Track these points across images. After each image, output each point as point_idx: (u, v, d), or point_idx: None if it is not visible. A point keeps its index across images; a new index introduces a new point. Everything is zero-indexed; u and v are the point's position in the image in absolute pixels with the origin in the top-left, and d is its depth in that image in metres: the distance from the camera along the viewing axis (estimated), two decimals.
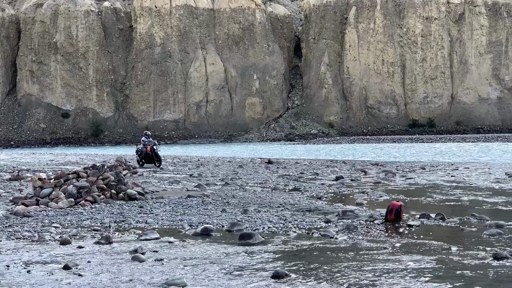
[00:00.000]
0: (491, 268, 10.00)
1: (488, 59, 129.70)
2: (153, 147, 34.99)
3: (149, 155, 34.99)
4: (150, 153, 34.93)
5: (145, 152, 35.12)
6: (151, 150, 34.89)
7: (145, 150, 35.11)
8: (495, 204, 18.84)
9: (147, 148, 35.00)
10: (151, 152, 34.91)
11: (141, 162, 35.48)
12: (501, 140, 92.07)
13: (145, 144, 35.44)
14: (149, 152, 34.94)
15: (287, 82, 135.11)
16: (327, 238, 12.84)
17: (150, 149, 34.88)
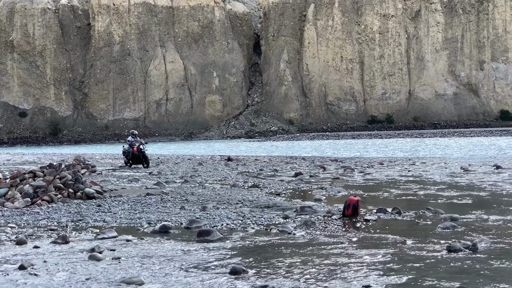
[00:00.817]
0: (445, 261, 10.17)
1: (444, 56, 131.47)
2: (140, 147, 33.56)
3: (136, 156, 33.63)
4: (137, 154, 33.56)
5: (132, 153, 33.73)
6: (138, 150, 33.52)
7: (132, 150, 33.73)
8: (450, 197, 19.14)
9: (134, 148, 33.63)
10: (138, 152, 33.52)
11: (128, 163, 34.18)
12: (457, 135, 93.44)
13: (131, 144, 33.99)
14: (136, 153, 33.57)
15: (246, 79, 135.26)
16: (285, 234, 12.91)
17: (137, 149, 33.52)
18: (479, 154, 47.73)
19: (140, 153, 33.39)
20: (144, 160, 33.54)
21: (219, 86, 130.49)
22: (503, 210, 15.92)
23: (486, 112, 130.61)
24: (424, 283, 8.75)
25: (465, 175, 27.74)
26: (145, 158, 33.57)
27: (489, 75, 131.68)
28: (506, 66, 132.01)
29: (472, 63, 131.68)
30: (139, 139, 34.69)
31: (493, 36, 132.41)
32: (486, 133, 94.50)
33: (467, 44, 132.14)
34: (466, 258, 10.32)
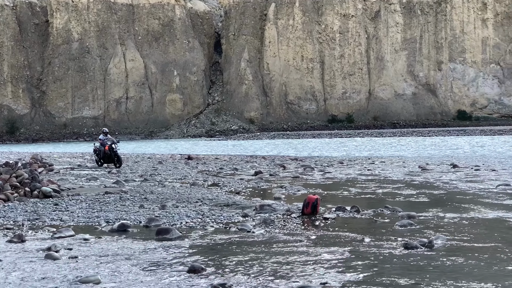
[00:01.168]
0: (402, 258, 10.28)
1: (403, 56, 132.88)
2: (112, 146, 32.28)
3: (108, 155, 32.44)
4: (108, 153, 32.34)
5: (103, 152, 32.55)
6: (109, 149, 32.26)
7: (103, 149, 32.55)
8: (408, 196, 19.35)
9: (105, 147, 32.41)
10: (109, 151, 32.27)
11: (99, 162, 33.15)
12: (416, 134, 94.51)
13: (102, 142, 32.79)
14: (107, 152, 32.35)
15: (207, 78, 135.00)
16: (244, 232, 12.92)
17: (109, 148, 32.26)
18: (437, 153, 48.34)
19: (112, 152, 32.20)
20: (117, 160, 32.39)
21: (180, 84, 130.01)
22: (458, 208, 16.15)
23: (444, 112, 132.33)
24: (381, 280, 8.83)
25: (422, 173, 28.08)
26: (117, 157, 32.42)
27: (447, 76, 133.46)
28: (463, 66, 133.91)
29: (430, 64, 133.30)
30: (111, 137, 33.67)
31: (451, 37, 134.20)
32: (443, 133, 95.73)
33: (425, 45, 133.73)
34: (423, 255, 10.44)
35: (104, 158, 32.67)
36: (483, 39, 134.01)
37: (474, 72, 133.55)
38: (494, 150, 50.17)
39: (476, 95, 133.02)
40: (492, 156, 42.15)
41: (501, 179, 24.29)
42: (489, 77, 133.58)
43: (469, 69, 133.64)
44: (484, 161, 36.44)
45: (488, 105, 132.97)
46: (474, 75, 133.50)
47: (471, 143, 63.09)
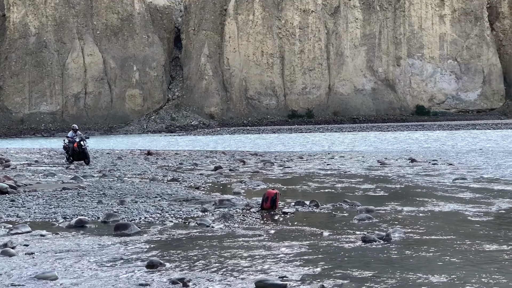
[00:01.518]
0: (360, 251, 10.36)
1: (362, 51, 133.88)
2: (80, 143, 31.38)
3: (77, 152, 31.50)
4: (77, 150, 31.40)
5: (72, 149, 31.64)
6: (78, 146, 31.37)
7: (72, 146, 31.65)
8: (367, 190, 19.52)
9: (74, 144, 31.52)
10: (78, 148, 31.37)
11: (69, 159, 32.19)
12: (375, 129, 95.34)
13: (71, 139, 31.90)
14: (76, 149, 31.42)
15: (167, 73, 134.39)
16: (203, 227, 12.90)
17: (77, 145, 31.35)
18: (396, 148, 48.82)
19: (80, 149, 31.34)
20: (84, 157, 31.56)
21: (140, 80, 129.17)
22: (416, 202, 16.34)
23: (402, 107, 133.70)
24: (339, 273, 8.88)
25: (381, 168, 28.35)
26: (84, 155, 31.54)
27: (406, 71, 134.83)
28: (421, 62, 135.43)
29: (389, 59, 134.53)
30: (80, 133, 32.61)
31: (409, 33, 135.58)
32: (402, 128, 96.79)
33: (384, 41, 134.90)
34: (380, 248, 10.54)
35: (73, 155, 31.79)
36: (440, 35, 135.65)
37: (432, 68, 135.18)
38: (451, 144, 50.86)
39: (434, 91, 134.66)
40: (449, 150, 42.72)
41: (457, 173, 24.65)
42: (447, 73, 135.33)
43: (427, 65, 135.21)
44: (442, 155, 36.93)
45: (446, 100, 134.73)
46: (432, 70, 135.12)
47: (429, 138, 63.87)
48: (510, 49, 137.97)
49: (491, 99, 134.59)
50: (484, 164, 29.44)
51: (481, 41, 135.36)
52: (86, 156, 31.43)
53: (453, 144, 51.64)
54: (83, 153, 31.35)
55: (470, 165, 29.11)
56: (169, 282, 8.48)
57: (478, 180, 21.76)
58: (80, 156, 31.56)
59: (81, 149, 31.31)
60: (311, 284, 8.25)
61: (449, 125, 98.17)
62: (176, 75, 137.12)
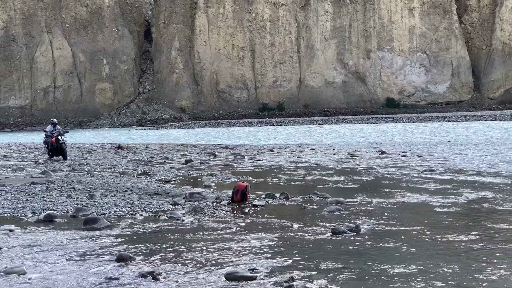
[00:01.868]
0: (329, 243, 10.43)
1: (333, 44, 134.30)
2: (58, 138, 30.18)
3: (55, 147, 30.43)
4: (55, 145, 30.32)
5: (51, 143, 30.52)
6: (55, 141, 30.24)
7: (50, 141, 30.52)
8: (337, 182, 19.63)
9: (52, 139, 30.37)
10: (56, 143, 30.26)
11: (49, 153, 31.19)
12: (346, 122, 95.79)
13: (48, 134, 30.71)
14: (54, 144, 30.34)
15: (137, 67, 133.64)
16: (173, 220, 12.88)
17: (55, 140, 30.21)
18: (366, 140, 49.12)
19: (58, 144, 30.23)
20: (62, 152, 30.48)
21: (110, 73, 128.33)
22: (385, 193, 16.47)
23: (373, 99, 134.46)
24: (309, 265, 8.93)
25: (351, 160, 28.53)
26: (61, 150, 30.43)
27: (376, 64, 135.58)
28: (391, 55, 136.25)
29: (360, 52, 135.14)
30: (59, 128, 31.30)
31: (379, 26, 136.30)
32: (373, 120, 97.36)
33: (354, 33, 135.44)
34: (350, 239, 10.62)
35: (52, 151, 30.73)
36: (410, 28, 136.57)
37: (401, 61, 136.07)
38: (420, 136, 51.31)
39: (403, 83, 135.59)
40: (418, 142, 43.09)
41: (426, 164, 24.89)
42: (416, 65, 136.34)
43: (397, 58, 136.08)
44: (411, 147, 37.26)
45: (415, 92, 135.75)
46: (402, 63, 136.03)
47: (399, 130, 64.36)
48: (478, 42, 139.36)
49: (460, 91, 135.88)
50: (452, 155, 29.76)
51: (449, 34, 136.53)
52: (62, 151, 30.38)
53: (422, 136, 52.08)
54: (60, 148, 30.33)
55: (438, 156, 29.41)
56: (139, 276, 8.46)
57: (446, 171, 22.00)
58: (58, 151, 30.55)
59: (59, 145, 30.24)
60: (281, 276, 8.29)
61: (418, 117, 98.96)
62: (147, 68, 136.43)
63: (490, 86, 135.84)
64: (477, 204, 14.40)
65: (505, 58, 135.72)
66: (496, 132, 54.90)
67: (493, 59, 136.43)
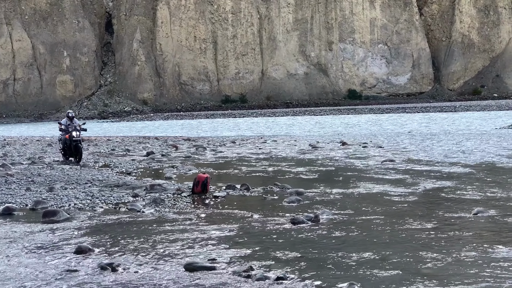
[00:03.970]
0: (289, 232, 10.52)
1: (295, 36, 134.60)
2: (73, 135, 24.63)
3: (69, 145, 24.83)
4: (68, 143, 24.76)
5: (64, 141, 25.06)
6: (70, 138, 24.69)
7: (64, 138, 25.08)
8: (298, 173, 19.76)
9: (66, 135, 24.98)
10: (69, 141, 24.69)
11: (62, 152, 25.60)
12: (308, 114, 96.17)
13: (64, 129, 25.36)
14: (67, 141, 24.84)
15: (99, 59, 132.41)
16: (134, 212, 12.87)
17: (69, 137, 24.71)
18: (328, 131, 49.42)
19: (72, 141, 24.61)
20: (76, 152, 24.78)
21: (70, 65, 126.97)
22: (345, 184, 16.64)
23: (335, 91, 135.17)
24: (268, 254, 9.01)
25: (313, 151, 28.70)
26: (76, 150, 24.74)
27: (337, 56, 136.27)
28: (353, 47, 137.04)
29: (322, 44, 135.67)
30: (76, 122, 25.82)
31: (341, 18, 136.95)
32: (335, 112, 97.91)
33: (316, 25, 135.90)
34: (309, 229, 10.72)
35: (65, 149, 25.14)
36: (371, 20, 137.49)
37: (363, 52, 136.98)
38: (381, 127, 51.78)
39: (365, 75, 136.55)
40: (379, 133, 43.50)
41: (386, 155, 25.15)
42: (377, 57, 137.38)
43: (359, 49, 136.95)
44: (372, 138, 37.59)
45: (377, 84, 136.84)
46: (363, 55, 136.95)
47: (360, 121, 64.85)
48: (438, 34, 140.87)
49: (420, 83, 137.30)
50: (412, 146, 30.12)
51: (410, 26, 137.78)
52: (77, 151, 24.68)
53: (383, 127, 52.56)
54: (75, 147, 24.64)
55: (398, 147, 29.74)
56: (98, 267, 8.46)
57: (405, 162, 22.28)
58: (73, 151, 24.83)
59: (73, 143, 24.56)
60: (240, 266, 8.35)
61: (380, 109, 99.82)
62: (108, 60, 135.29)
63: (450, 78, 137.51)
64: (435, 194, 14.64)
65: (465, 50, 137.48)
66: (455, 123, 55.65)
67: (453, 51, 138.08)
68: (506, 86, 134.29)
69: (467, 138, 34.33)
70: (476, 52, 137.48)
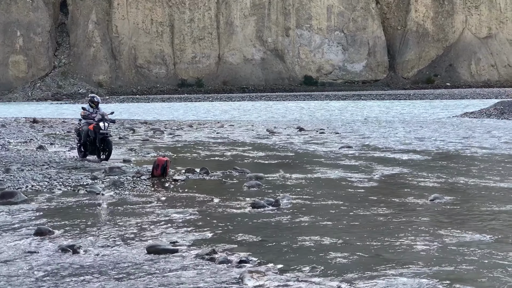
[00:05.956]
0: (250, 216, 10.59)
1: (252, 21, 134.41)
2: (99, 125, 18.73)
3: (92, 139, 18.85)
4: (93, 136, 18.75)
5: (86, 133, 18.93)
6: (95, 129, 18.70)
7: (87, 129, 18.93)
8: (256, 158, 19.84)
9: (90, 125, 18.92)
10: (94, 133, 18.72)
11: (81, 149, 19.49)
12: (264, 99, 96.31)
13: (88, 116, 19.26)
14: (91, 133, 18.81)
15: (53, 39, 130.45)
16: (93, 194, 12.80)
17: (94, 128, 18.73)
18: (284, 117, 49.59)
19: (99, 134, 18.67)
20: (103, 147, 18.91)
21: (24, 46, 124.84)
22: (304, 169, 16.77)
23: (291, 77, 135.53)
24: (229, 238, 9.07)
25: (270, 136, 28.81)
26: (105, 144, 18.88)
27: (294, 42, 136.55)
28: (310, 33, 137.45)
29: (279, 30, 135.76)
30: (103, 110, 19.69)
31: (298, 4, 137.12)
32: (291, 97, 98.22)
33: (273, 11, 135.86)
34: (270, 213, 10.80)
35: (87, 145, 19.12)
36: (328, 6, 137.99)
37: (320, 39, 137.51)
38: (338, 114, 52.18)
39: (321, 61, 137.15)
40: (336, 120, 43.84)
41: (343, 141, 25.39)
42: (334, 44, 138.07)
43: (315, 36, 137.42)
44: (329, 124, 37.88)
45: (333, 71, 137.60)
46: (320, 41, 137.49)
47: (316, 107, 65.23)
48: (393, 22, 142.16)
49: (376, 70, 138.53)
50: (368, 132, 30.45)
51: (366, 14, 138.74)
52: (107, 146, 18.90)
53: (339, 113, 52.96)
54: (102, 141, 18.84)
55: (355, 134, 30.04)
56: (59, 249, 8.41)
57: (362, 148, 22.53)
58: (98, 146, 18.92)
59: (99, 135, 18.70)
60: (203, 249, 8.39)
61: (336, 95, 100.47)
62: (63, 41, 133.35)
63: (405, 66, 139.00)
64: (392, 180, 14.86)
65: (419, 39, 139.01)
66: (410, 110, 56.37)
67: (408, 40, 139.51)
68: (458, 76, 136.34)
69: (422, 126, 34.83)
70: (430, 41, 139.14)
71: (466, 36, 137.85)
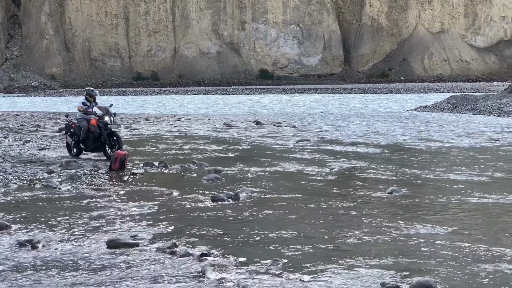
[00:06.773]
0: (209, 210, 10.60)
1: (208, 15, 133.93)
2: (105, 121, 17.35)
3: (96, 136, 17.38)
4: (98, 132, 17.32)
5: (86, 130, 17.46)
6: (99, 124, 17.39)
7: (87, 125, 17.52)
8: (214, 151, 19.82)
9: (91, 120, 17.60)
10: (99, 128, 17.32)
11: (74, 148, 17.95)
12: (220, 92, 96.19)
13: (88, 111, 17.90)
14: (95, 130, 17.35)
15: (5, 31, 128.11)
16: (50, 188, 12.64)
17: (97, 122, 17.44)
18: (241, 110, 49.60)
19: (105, 130, 17.29)
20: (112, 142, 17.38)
21: None
22: (262, 163, 16.81)
23: (247, 70, 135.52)
24: (190, 231, 9.06)
25: (227, 130, 28.80)
26: (115, 139, 17.39)
27: (250, 35, 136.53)
28: (265, 27, 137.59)
29: (234, 23, 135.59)
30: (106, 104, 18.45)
31: None
32: (247, 91, 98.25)
33: (229, 4, 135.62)
34: (230, 207, 10.82)
35: (87, 141, 17.49)
36: (284, 0, 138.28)
37: (275, 33, 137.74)
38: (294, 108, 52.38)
39: (277, 55, 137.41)
40: (292, 113, 44.01)
41: (301, 135, 25.52)
42: (290, 38, 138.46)
43: (271, 30, 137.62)
44: (285, 118, 38.01)
45: (289, 65, 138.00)
46: (276, 35, 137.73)
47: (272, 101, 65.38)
48: (349, 17, 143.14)
49: (331, 64, 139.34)
50: (325, 126, 30.65)
51: (322, 8, 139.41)
52: (116, 142, 17.33)
53: (295, 107, 53.17)
54: (111, 135, 17.43)
55: (312, 127, 30.21)
56: (17, 244, 8.30)
57: (320, 141, 22.67)
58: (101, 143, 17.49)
59: (105, 130, 17.30)
60: (163, 242, 8.37)
61: (291, 89, 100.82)
62: (15, 33, 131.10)
63: (360, 60, 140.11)
64: (350, 173, 15.00)
65: (374, 34, 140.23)
66: (365, 104, 56.87)
67: (363, 34, 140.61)
68: (412, 70, 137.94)
69: (378, 120, 35.19)
70: (385, 36, 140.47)
71: (419, 31, 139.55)
